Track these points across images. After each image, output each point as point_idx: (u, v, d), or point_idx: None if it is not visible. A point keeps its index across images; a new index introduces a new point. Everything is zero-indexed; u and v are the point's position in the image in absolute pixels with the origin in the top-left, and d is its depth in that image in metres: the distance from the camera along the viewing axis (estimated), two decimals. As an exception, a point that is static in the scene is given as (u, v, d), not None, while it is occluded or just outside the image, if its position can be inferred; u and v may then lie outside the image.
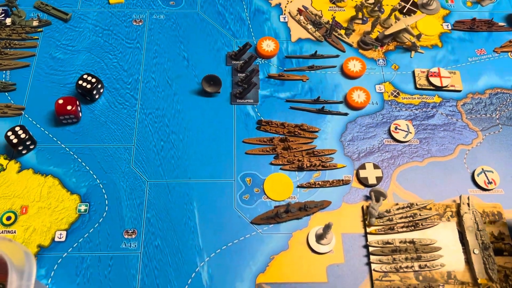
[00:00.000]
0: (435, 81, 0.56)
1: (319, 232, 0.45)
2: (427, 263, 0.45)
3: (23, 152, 0.50)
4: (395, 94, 0.56)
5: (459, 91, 0.56)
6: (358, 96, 0.54)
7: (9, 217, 0.46)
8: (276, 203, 0.48)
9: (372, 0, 0.62)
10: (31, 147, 0.50)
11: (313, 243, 0.46)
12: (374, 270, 0.44)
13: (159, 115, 0.53)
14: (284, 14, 0.62)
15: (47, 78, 0.55)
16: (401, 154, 0.52)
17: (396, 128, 0.53)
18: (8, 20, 0.59)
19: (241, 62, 0.56)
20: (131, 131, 0.52)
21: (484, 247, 0.45)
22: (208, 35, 0.59)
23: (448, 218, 0.47)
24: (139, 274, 0.44)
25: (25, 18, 0.59)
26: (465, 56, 0.59)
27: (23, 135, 0.48)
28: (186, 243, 0.46)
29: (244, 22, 0.60)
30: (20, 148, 0.49)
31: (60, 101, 0.50)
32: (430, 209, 0.48)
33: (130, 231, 0.46)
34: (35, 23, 0.59)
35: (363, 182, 0.49)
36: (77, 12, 0.60)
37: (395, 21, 0.60)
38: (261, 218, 0.47)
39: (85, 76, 0.52)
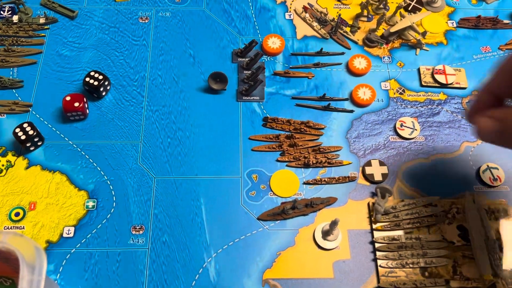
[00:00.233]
0: (440, 79, 0.56)
1: (326, 229, 0.46)
2: (433, 259, 0.45)
3: (31, 149, 0.50)
4: (401, 92, 0.56)
5: (464, 89, 0.56)
6: (364, 93, 0.54)
7: (18, 213, 0.47)
8: (283, 200, 0.48)
9: (377, -2, 0.62)
10: (39, 144, 0.50)
11: (320, 240, 0.46)
12: (380, 266, 0.45)
13: (166, 112, 0.53)
14: (290, 12, 0.62)
15: (54, 75, 0.55)
16: (407, 151, 0.52)
17: (402, 125, 0.53)
18: (15, 18, 0.59)
19: (247, 60, 0.56)
20: (138, 128, 0.52)
21: (489, 244, 0.45)
22: (214, 33, 0.59)
23: (454, 215, 0.48)
24: (147, 270, 0.44)
25: (32, 16, 0.59)
26: (470, 54, 0.59)
27: (31, 132, 0.49)
28: (194, 239, 0.46)
29: (250, 20, 0.61)
30: (28, 145, 0.49)
31: (68, 98, 0.51)
32: (436, 206, 0.48)
33: (138, 227, 0.46)
34: (42, 21, 0.59)
35: (369, 179, 0.50)
36: (84, 10, 0.61)
37: (400, 19, 0.60)
38: (268, 215, 0.47)
39: (92, 73, 0.53)
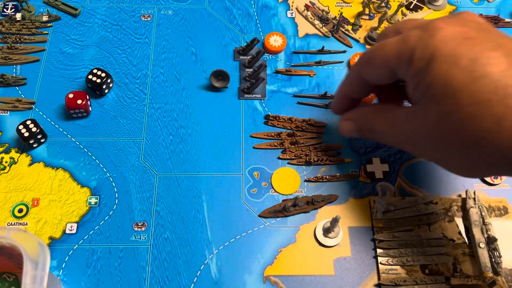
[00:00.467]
0: (442, 77, 0.56)
1: (327, 226, 0.46)
2: (434, 257, 0.45)
3: (34, 146, 0.50)
4: (402, 90, 0.56)
5: (466, 87, 0.56)
6: (365, 92, 0.54)
7: (21, 210, 0.47)
8: (284, 197, 0.49)
9: (379, -4, 0.62)
10: (42, 141, 0.51)
11: (321, 237, 0.46)
12: (381, 264, 0.45)
13: (168, 110, 0.53)
14: (292, 10, 0.62)
15: (57, 73, 0.56)
16: (408, 149, 0.52)
17: (403, 123, 0.53)
18: (18, 15, 0.59)
19: (249, 57, 0.56)
20: (140, 125, 0.52)
21: (490, 241, 0.45)
22: (216, 30, 0.59)
23: (454, 213, 0.48)
24: (149, 266, 0.45)
25: (35, 13, 0.60)
26: (472, 52, 0.59)
27: (34, 129, 0.49)
28: (195, 236, 0.46)
29: (252, 18, 0.61)
30: (31, 142, 0.49)
31: (71, 96, 0.51)
32: (436, 204, 0.48)
33: (140, 224, 0.47)
34: (45, 18, 0.59)
35: (370, 177, 0.50)
36: (86, 7, 0.61)
37: (402, 17, 0.60)
38: (269, 212, 0.47)
39: (95, 71, 0.53)
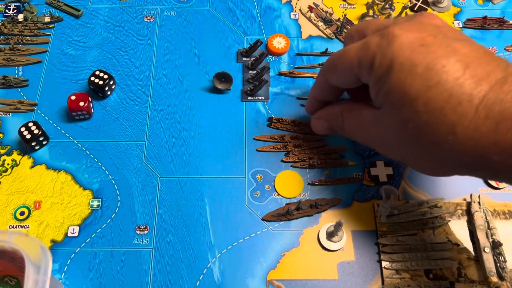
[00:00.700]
0: (446, 79, 0.56)
1: (330, 230, 0.46)
2: (438, 261, 0.45)
3: (36, 148, 0.50)
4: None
5: (470, 90, 0.56)
6: (369, 94, 0.54)
7: (23, 212, 0.47)
8: (287, 200, 0.48)
9: (383, -2, 0.62)
10: (44, 143, 0.50)
11: (324, 241, 0.46)
12: (385, 268, 0.45)
13: (171, 112, 0.53)
14: (295, 11, 0.61)
15: (59, 74, 0.55)
16: (412, 152, 0.52)
17: (407, 126, 0.53)
18: (20, 16, 0.59)
19: (252, 59, 0.56)
20: (143, 128, 0.52)
21: (495, 246, 0.45)
22: (219, 32, 0.59)
23: (459, 217, 0.47)
24: (151, 270, 0.44)
25: (37, 14, 0.59)
26: (476, 54, 0.59)
27: (37, 131, 0.49)
28: (198, 239, 0.46)
29: (255, 19, 0.60)
30: (33, 144, 0.49)
31: (73, 97, 0.51)
32: (441, 207, 0.48)
33: (142, 227, 0.46)
34: (47, 19, 0.59)
35: (374, 180, 0.50)
36: (89, 8, 0.61)
37: (406, 19, 0.60)
38: (272, 215, 0.47)
39: (97, 73, 0.53)
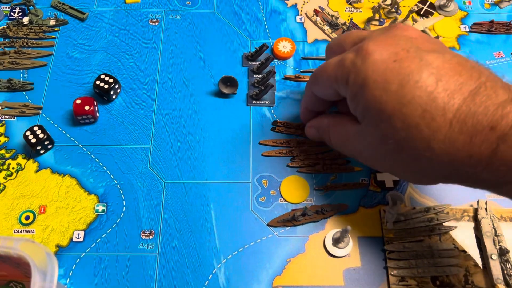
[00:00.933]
0: (453, 84, 0.55)
1: (336, 236, 0.45)
2: (445, 268, 0.44)
3: (41, 152, 0.50)
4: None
5: (477, 94, 0.56)
6: (375, 99, 0.54)
7: (28, 217, 0.47)
8: (293, 206, 0.48)
9: (389, 2, 0.61)
10: (49, 147, 0.50)
11: (330, 247, 0.46)
12: (391, 275, 0.44)
13: (176, 116, 0.53)
14: (301, 15, 0.61)
15: (64, 78, 0.55)
16: (418, 158, 0.51)
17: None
18: (26, 19, 0.59)
19: (258, 63, 0.56)
20: (148, 132, 0.52)
21: (502, 253, 0.45)
22: (225, 36, 0.59)
23: (466, 223, 0.47)
24: (157, 275, 0.44)
25: (42, 17, 0.59)
26: (483, 59, 0.58)
27: (42, 135, 0.49)
28: (203, 245, 0.46)
29: (261, 23, 0.60)
30: (39, 148, 0.49)
31: (78, 101, 0.51)
32: (447, 214, 0.47)
33: (148, 232, 0.46)
34: (52, 22, 0.59)
35: (380, 186, 0.49)
36: (94, 12, 0.60)
37: (413, 23, 0.60)
38: (278, 221, 0.47)
39: (103, 76, 0.52)
